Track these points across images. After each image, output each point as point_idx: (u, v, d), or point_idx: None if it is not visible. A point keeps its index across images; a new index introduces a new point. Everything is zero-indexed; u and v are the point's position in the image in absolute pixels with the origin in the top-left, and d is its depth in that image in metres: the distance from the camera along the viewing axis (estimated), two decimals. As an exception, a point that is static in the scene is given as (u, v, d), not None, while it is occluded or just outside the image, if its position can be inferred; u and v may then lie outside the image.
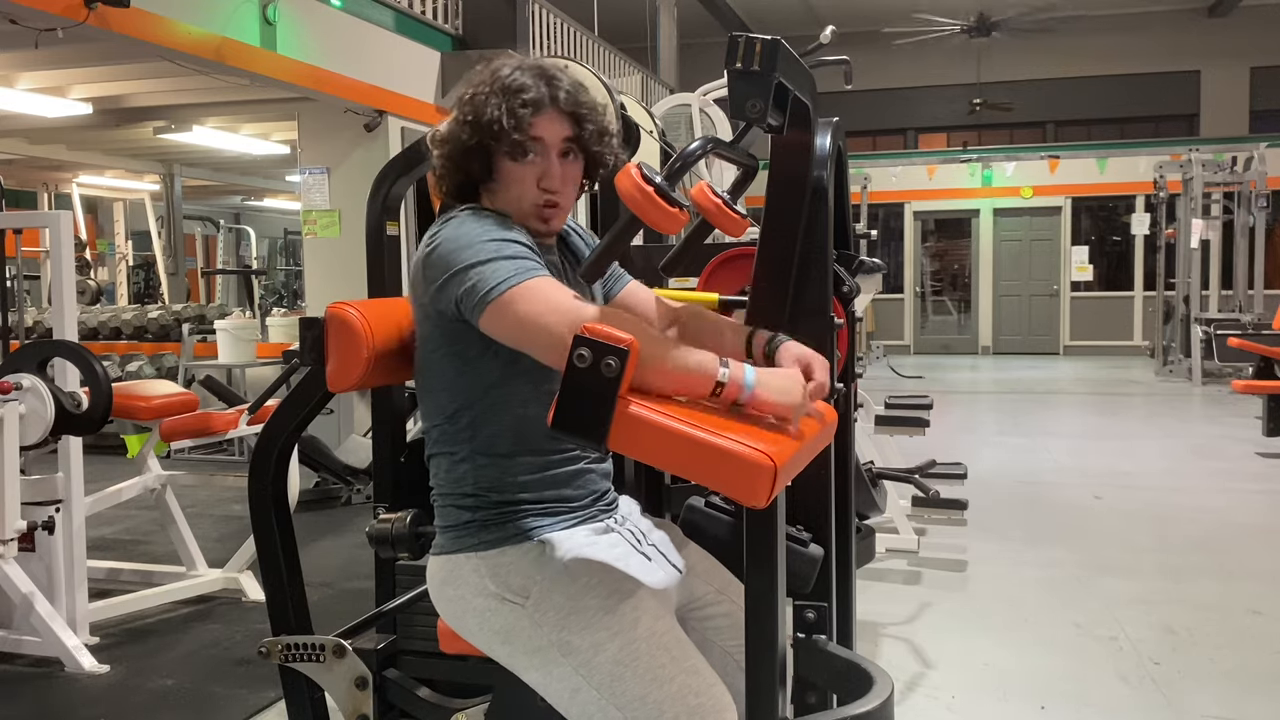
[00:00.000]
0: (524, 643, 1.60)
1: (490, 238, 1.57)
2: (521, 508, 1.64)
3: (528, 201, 1.67)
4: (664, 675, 1.53)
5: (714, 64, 2.15)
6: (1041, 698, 3.19)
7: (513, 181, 1.67)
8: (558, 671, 1.58)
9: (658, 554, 1.72)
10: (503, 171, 1.67)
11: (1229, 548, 4.84)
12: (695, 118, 5.37)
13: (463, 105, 1.68)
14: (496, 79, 1.66)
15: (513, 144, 1.63)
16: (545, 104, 1.64)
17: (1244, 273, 11.81)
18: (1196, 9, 16.47)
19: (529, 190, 1.67)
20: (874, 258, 3.27)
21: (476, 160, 1.67)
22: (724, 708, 1.55)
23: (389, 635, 2.10)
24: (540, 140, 1.65)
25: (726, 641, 1.75)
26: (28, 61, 6.74)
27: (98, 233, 13.63)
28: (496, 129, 1.63)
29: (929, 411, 4.66)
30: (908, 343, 16.46)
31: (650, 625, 1.56)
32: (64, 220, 3.72)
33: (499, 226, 1.61)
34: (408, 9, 7.91)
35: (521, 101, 1.63)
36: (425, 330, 1.69)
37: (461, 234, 1.60)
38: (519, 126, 1.62)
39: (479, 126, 1.64)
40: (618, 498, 1.83)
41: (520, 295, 1.51)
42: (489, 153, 1.66)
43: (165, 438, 4.08)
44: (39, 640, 3.47)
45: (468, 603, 1.65)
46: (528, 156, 1.65)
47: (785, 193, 1.66)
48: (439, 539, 1.72)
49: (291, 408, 2.03)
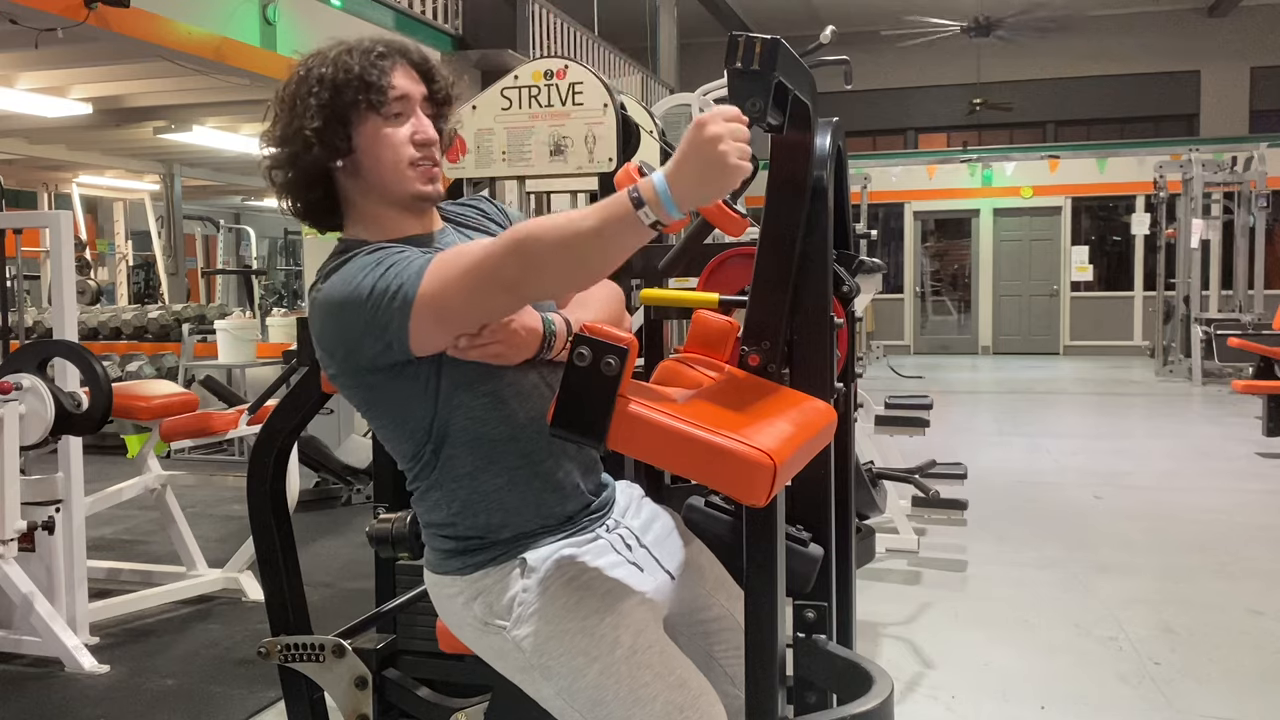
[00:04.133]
0: (511, 664, 1.59)
1: (371, 261, 1.48)
2: (498, 526, 1.58)
3: (404, 162, 1.57)
4: (646, 695, 1.50)
5: (714, 64, 2.15)
6: (1041, 698, 3.19)
7: (383, 145, 1.56)
8: (545, 693, 1.57)
9: (649, 559, 1.68)
10: (369, 137, 1.55)
11: (1229, 548, 4.84)
12: (695, 118, 5.37)
13: (294, 92, 1.55)
14: (328, 55, 1.57)
15: (378, 92, 1.53)
16: (397, 57, 1.58)
17: (1244, 273, 11.81)
18: (1196, 9, 16.48)
19: (403, 149, 1.56)
20: (874, 258, 3.28)
21: (332, 133, 1.53)
22: (710, 718, 1.53)
23: (389, 635, 2.11)
24: (404, 96, 1.57)
25: (716, 648, 1.73)
26: (28, 61, 6.75)
27: (98, 233, 13.64)
28: (355, 84, 1.52)
29: (929, 411, 4.66)
30: (908, 343, 16.46)
31: (631, 643, 1.52)
32: (64, 220, 3.72)
33: (381, 249, 1.51)
34: (408, 9, 7.92)
35: (376, 54, 1.55)
36: (354, 399, 1.62)
37: (336, 290, 1.49)
38: (382, 74, 1.54)
39: (333, 89, 1.52)
40: (613, 493, 1.77)
41: (438, 268, 1.43)
42: (346, 121, 1.54)
43: (165, 438, 4.08)
44: (39, 640, 3.47)
45: (460, 619, 1.64)
46: (397, 112, 1.56)
47: (785, 193, 1.66)
48: (427, 555, 1.69)
49: (290, 408, 2.03)
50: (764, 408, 1.54)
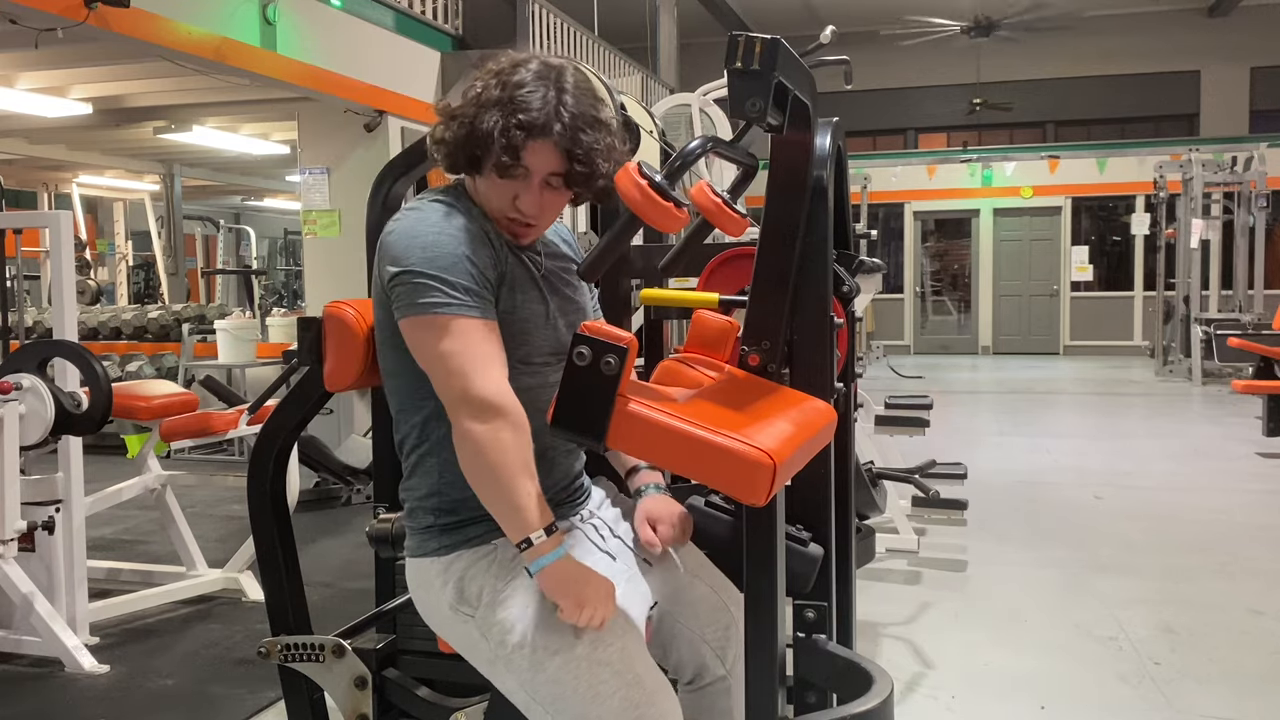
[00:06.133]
0: (479, 654, 1.60)
1: (442, 250, 1.57)
2: (478, 508, 1.59)
3: (502, 212, 1.67)
4: (604, 691, 1.52)
5: (714, 64, 2.15)
6: (1041, 698, 3.18)
7: (492, 191, 1.65)
8: (509, 684, 1.58)
9: (622, 547, 1.71)
10: (487, 177, 1.64)
11: (1229, 548, 4.84)
12: (695, 118, 5.37)
13: (473, 98, 1.63)
14: (505, 84, 1.60)
15: (499, 164, 1.60)
16: (540, 133, 1.58)
17: (1244, 273, 11.81)
18: (1196, 9, 16.47)
19: (505, 203, 1.65)
20: (874, 258, 3.27)
21: (465, 157, 1.65)
22: (664, 716, 1.55)
23: (388, 635, 2.11)
24: (526, 168, 1.61)
25: (703, 627, 1.75)
26: (28, 61, 6.74)
27: (98, 233, 13.63)
28: (489, 143, 1.59)
29: (929, 411, 4.66)
30: (908, 343, 16.45)
31: (593, 638, 1.54)
32: (64, 220, 3.72)
33: (459, 238, 1.59)
34: (408, 9, 7.91)
35: (518, 122, 1.57)
36: (379, 315, 1.68)
37: (419, 231, 1.60)
38: (509, 148, 1.58)
39: (472, 133, 1.61)
40: (589, 485, 1.82)
41: (439, 325, 1.54)
42: (478, 158, 1.63)
43: (165, 438, 4.07)
44: (39, 640, 3.47)
45: (437, 608, 1.65)
46: (514, 178, 1.62)
47: (785, 193, 1.66)
48: (408, 541, 1.70)
49: (290, 408, 2.03)
50: (764, 407, 1.54)
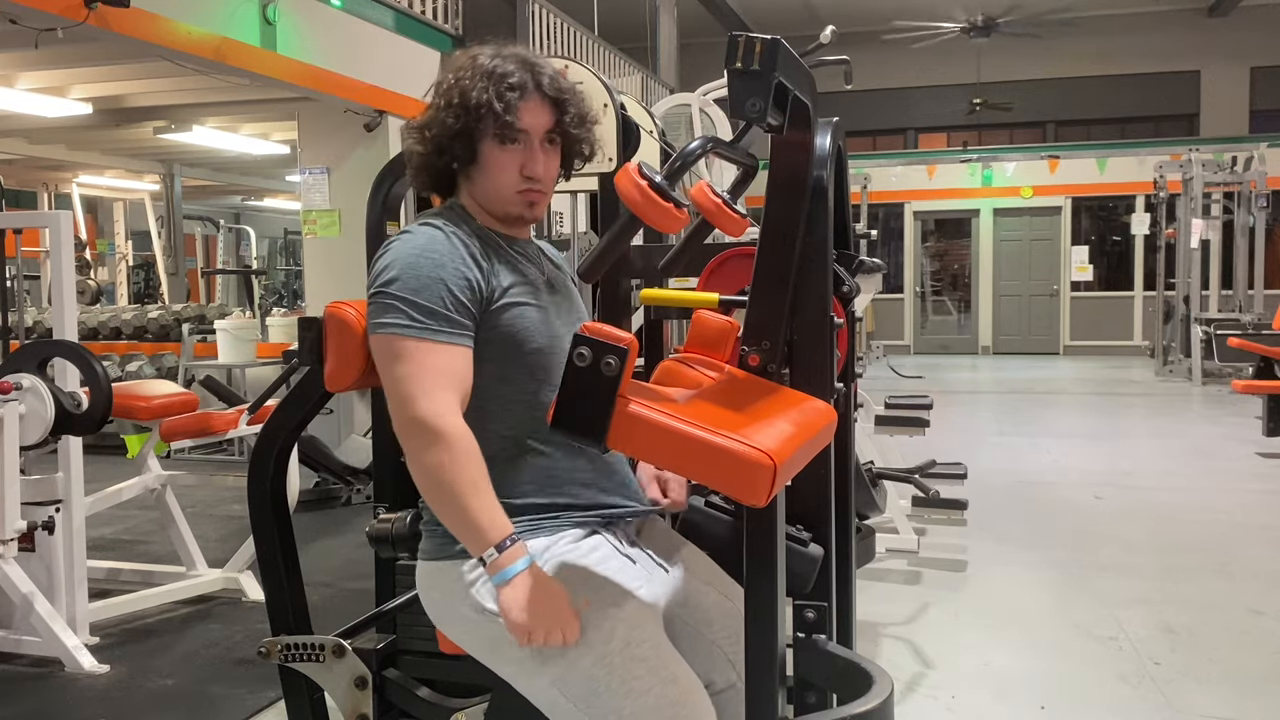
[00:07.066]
0: (505, 654, 1.60)
1: (417, 273, 1.59)
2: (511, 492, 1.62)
3: (510, 188, 1.69)
4: (639, 688, 1.52)
5: (714, 64, 2.15)
6: (1041, 698, 3.18)
7: (496, 168, 1.69)
8: (538, 683, 1.58)
9: (643, 554, 1.71)
10: (487, 157, 1.68)
11: (1229, 548, 4.84)
12: (695, 118, 5.38)
13: (447, 90, 1.68)
14: (479, 65, 1.67)
15: (502, 126, 1.65)
16: (530, 89, 1.66)
17: (1244, 273, 11.81)
18: (1196, 9, 16.47)
19: (511, 176, 1.69)
20: (874, 258, 3.27)
21: (460, 144, 1.67)
22: (700, 715, 1.55)
23: (389, 635, 2.11)
24: (525, 129, 1.67)
25: (716, 634, 1.75)
26: (28, 61, 6.74)
27: (98, 233, 13.63)
28: (484, 112, 1.64)
29: (929, 411, 4.66)
30: (908, 343, 16.45)
31: (626, 635, 1.55)
32: (64, 220, 3.72)
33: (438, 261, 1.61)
34: (408, 9, 7.90)
35: (509, 85, 1.64)
36: None
37: (401, 252, 1.62)
38: (508, 109, 1.64)
39: (466, 109, 1.65)
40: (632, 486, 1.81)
41: (395, 347, 1.57)
42: (473, 137, 1.66)
43: (165, 438, 4.07)
44: (39, 640, 3.47)
45: (453, 610, 1.64)
46: (515, 142, 1.67)
47: (785, 193, 1.66)
48: (424, 543, 1.70)
49: (291, 408, 2.03)
50: (764, 408, 1.54)
